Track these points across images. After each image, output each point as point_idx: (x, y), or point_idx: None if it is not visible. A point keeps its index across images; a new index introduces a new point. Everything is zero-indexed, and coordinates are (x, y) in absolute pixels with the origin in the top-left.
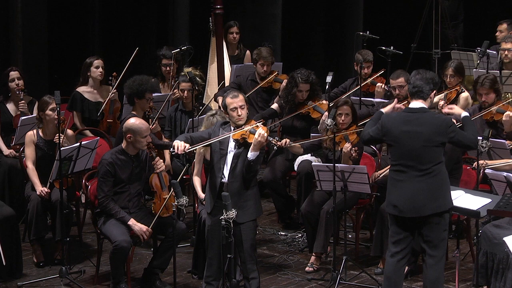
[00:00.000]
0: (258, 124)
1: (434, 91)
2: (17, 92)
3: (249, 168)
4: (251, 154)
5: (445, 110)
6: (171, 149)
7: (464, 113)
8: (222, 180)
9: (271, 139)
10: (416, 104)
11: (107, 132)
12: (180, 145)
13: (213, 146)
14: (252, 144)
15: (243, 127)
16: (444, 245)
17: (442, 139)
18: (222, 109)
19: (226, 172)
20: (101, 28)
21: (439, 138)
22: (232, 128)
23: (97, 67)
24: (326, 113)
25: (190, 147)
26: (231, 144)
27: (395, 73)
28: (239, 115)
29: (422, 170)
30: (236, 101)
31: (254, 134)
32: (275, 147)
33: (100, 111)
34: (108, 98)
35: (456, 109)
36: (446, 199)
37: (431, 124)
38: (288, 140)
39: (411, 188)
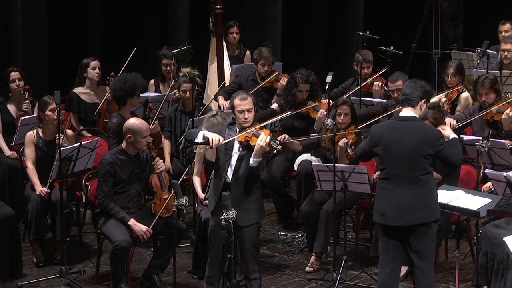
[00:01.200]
0: (261, 125)
1: (424, 100)
2: (22, 92)
3: (251, 174)
4: (253, 161)
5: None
6: (208, 144)
7: (453, 135)
8: (227, 180)
9: (272, 142)
10: (406, 112)
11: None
12: (215, 138)
13: (219, 146)
14: (254, 150)
15: (247, 129)
16: (432, 255)
17: (429, 151)
18: (222, 109)
19: (230, 173)
20: (101, 28)
21: (427, 149)
22: (238, 130)
23: (93, 68)
24: (322, 110)
25: (223, 140)
26: (236, 146)
27: (393, 76)
28: (245, 118)
29: (409, 179)
30: (245, 103)
31: (257, 137)
32: (275, 150)
33: (97, 111)
34: (104, 98)
35: (447, 131)
36: (433, 210)
37: (419, 133)
38: (287, 136)
39: (397, 197)
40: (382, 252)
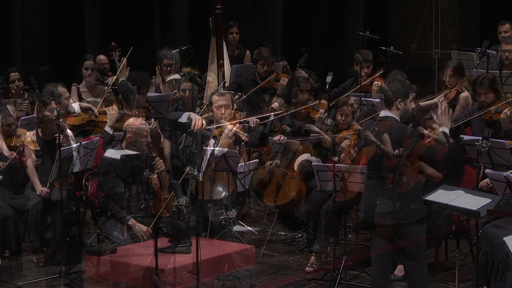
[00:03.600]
0: (238, 122)
1: (399, 100)
2: (21, 92)
3: (215, 165)
4: (217, 150)
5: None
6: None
7: (443, 129)
8: (197, 177)
9: (241, 134)
10: (383, 113)
11: None
12: (198, 120)
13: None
14: (220, 139)
15: (224, 124)
16: (423, 254)
17: (398, 148)
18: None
19: (204, 166)
20: (101, 28)
21: (396, 147)
22: (215, 126)
23: (86, 69)
24: (322, 110)
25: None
26: (211, 142)
27: (391, 75)
28: (222, 113)
29: (386, 178)
30: (222, 99)
31: None
32: (242, 143)
33: (95, 112)
34: (103, 98)
35: (440, 122)
36: (414, 209)
37: (388, 132)
38: (282, 136)
39: (375, 195)
40: (372, 251)
